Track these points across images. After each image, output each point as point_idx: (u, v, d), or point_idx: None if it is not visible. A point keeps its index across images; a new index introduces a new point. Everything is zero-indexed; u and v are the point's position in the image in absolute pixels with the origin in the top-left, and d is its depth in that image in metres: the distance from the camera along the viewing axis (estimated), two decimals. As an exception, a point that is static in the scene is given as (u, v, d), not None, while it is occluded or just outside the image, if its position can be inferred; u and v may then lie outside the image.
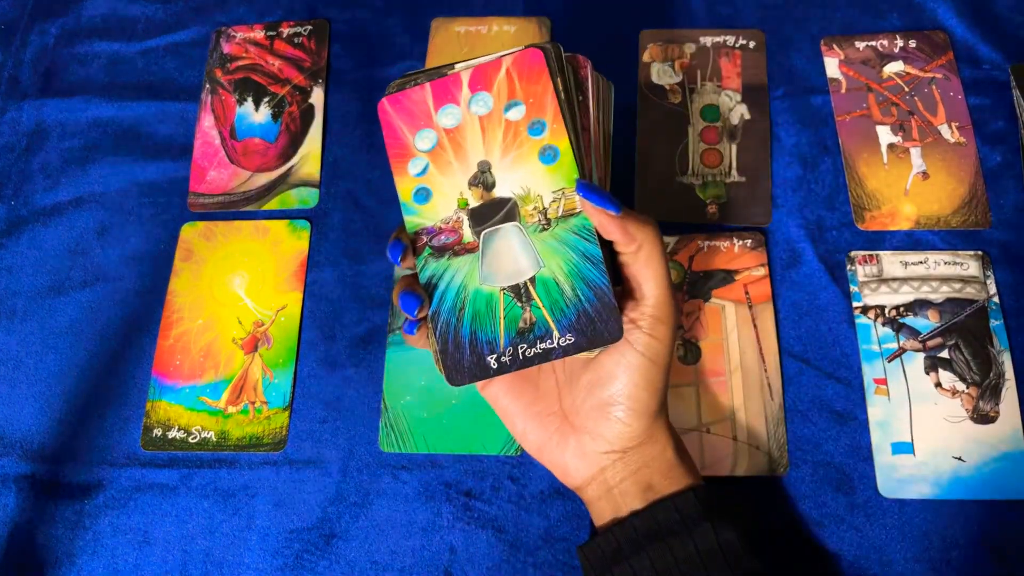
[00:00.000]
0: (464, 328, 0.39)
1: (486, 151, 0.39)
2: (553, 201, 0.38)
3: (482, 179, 0.39)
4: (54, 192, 0.59)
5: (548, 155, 0.38)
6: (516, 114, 0.38)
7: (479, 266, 0.39)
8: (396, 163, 0.40)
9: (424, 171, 0.40)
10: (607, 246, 0.38)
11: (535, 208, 0.38)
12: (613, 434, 0.39)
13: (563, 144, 0.38)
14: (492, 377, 0.38)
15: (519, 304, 0.38)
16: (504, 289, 0.39)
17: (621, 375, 0.38)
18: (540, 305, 0.38)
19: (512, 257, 0.39)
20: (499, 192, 0.39)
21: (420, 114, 0.40)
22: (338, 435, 0.51)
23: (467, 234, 0.39)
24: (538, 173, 0.38)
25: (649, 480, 0.39)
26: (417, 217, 0.40)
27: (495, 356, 0.38)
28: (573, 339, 0.37)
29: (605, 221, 0.37)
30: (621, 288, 0.39)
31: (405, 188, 0.40)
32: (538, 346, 0.38)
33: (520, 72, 0.38)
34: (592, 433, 0.39)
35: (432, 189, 0.40)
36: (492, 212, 0.39)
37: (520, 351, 0.38)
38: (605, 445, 0.39)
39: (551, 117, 0.38)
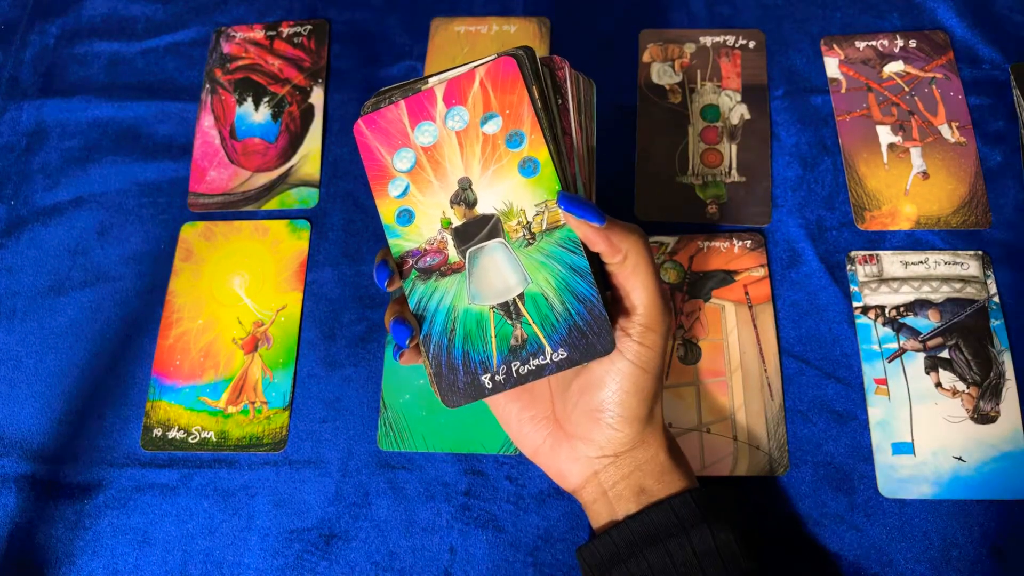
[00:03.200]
0: (456, 349, 0.38)
1: (465, 167, 0.38)
2: (537, 215, 0.37)
3: (463, 196, 0.38)
4: (54, 192, 0.59)
5: (528, 167, 0.37)
6: (493, 127, 0.37)
7: (467, 285, 0.38)
8: (376, 185, 0.39)
9: (405, 192, 0.39)
10: (595, 255, 0.38)
11: (519, 223, 0.38)
12: (604, 439, 0.39)
13: (543, 155, 0.37)
14: (488, 396, 0.38)
15: (509, 321, 0.38)
16: (494, 307, 0.38)
17: (611, 383, 0.38)
18: (531, 321, 0.38)
19: (499, 274, 0.38)
20: (481, 208, 0.38)
21: (396, 133, 0.39)
22: (338, 435, 0.51)
23: (452, 254, 0.39)
24: (519, 187, 0.37)
25: (642, 483, 0.39)
26: (401, 239, 0.39)
27: (489, 375, 0.38)
28: (566, 354, 0.37)
29: (589, 233, 0.36)
30: (611, 293, 0.39)
31: (387, 210, 0.39)
32: (531, 363, 0.37)
33: (494, 82, 0.37)
34: (583, 438, 0.39)
35: (414, 210, 0.39)
36: (476, 230, 0.38)
37: (513, 369, 0.38)
38: (596, 450, 0.39)
39: (529, 127, 0.37)
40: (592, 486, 0.40)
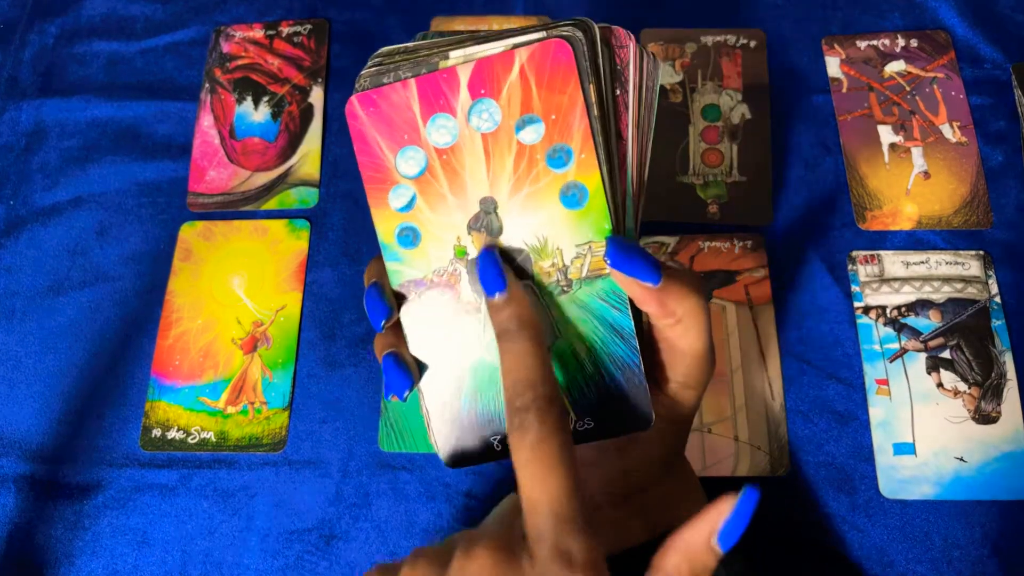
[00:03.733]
0: (462, 403, 0.32)
1: (491, 183, 0.30)
2: (577, 258, 0.30)
3: (486, 222, 0.31)
4: (53, 192, 0.59)
5: (573, 196, 0.30)
6: (532, 135, 0.29)
7: (481, 332, 0.32)
8: (373, 191, 0.31)
9: (410, 205, 0.31)
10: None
11: (553, 265, 0.30)
12: (615, 479, 0.35)
13: (593, 182, 0.29)
14: (496, 460, 0.32)
15: None
16: None
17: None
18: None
19: None
20: (507, 240, 0.30)
21: (403, 123, 0.30)
22: (338, 435, 0.51)
23: (466, 291, 0.31)
24: (559, 219, 0.30)
25: (654, 520, 0.36)
26: (402, 265, 0.31)
27: (499, 437, 0.31)
28: (593, 424, 0.31)
29: (640, 294, 0.29)
30: (646, 327, 0.32)
31: (386, 226, 0.31)
32: None
33: (539, 73, 0.29)
34: (589, 474, 0.35)
35: (420, 230, 0.31)
36: None
37: None
38: (604, 486, 0.35)
39: (579, 143, 0.29)
40: (595, 518, 0.37)
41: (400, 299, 0.32)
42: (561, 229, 0.30)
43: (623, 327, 0.30)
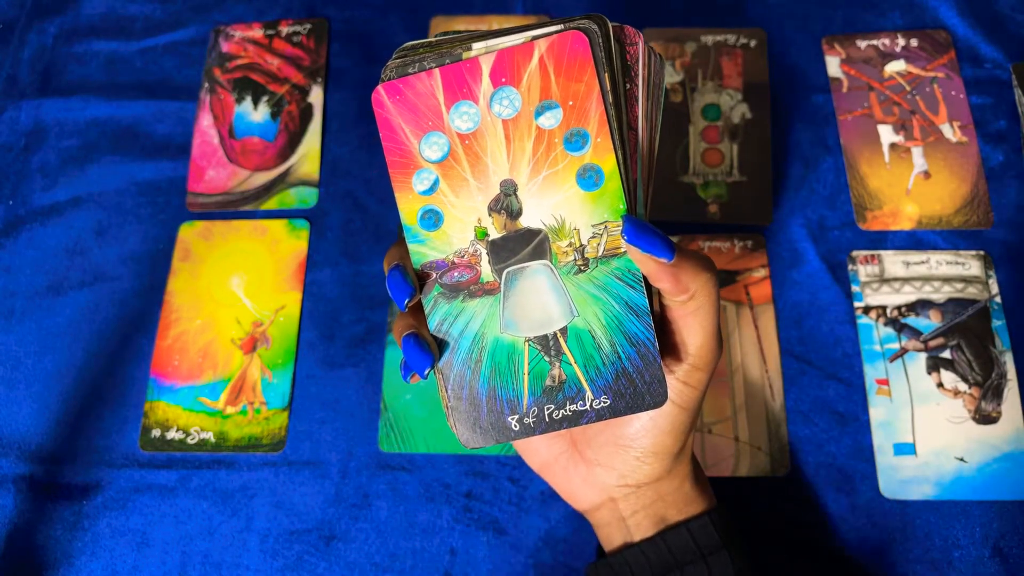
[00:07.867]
0: (481, 383, 0.33)
1: (511, 167, 0.32)
2: (593, 237, 0.32)
3: (506, 204, 0.32)
4: (52, 192, 0.59)
5: (590, 178, 0.31)
6: (550, 120, 0.31)
7: (500, 311, 0.33)
8: (397, 175, 0.33)
9: (433, 188, 0.32)
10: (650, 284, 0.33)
11: (570, 244, 0.32)
12: (628, 470, 0.36)
13: (608, 164, 0.31)
14: (513, 440, 0.33)
15: (547, 359, 0.33)
16: (529, 340, 0.33)
17: (644, 417, 0.35)
18: (572, 361, 0.32)
19: (540, 302, 0.32)
20: (526, 221, 0.32)
21: (427, 111, 0.32)
22: (337, 436, 0.51)
23: (486, 271, 0.33)
24: (576, 200, 0.31)
25: (663, 514, 0.37)
26: (424, 247, 0.33)
27: (517, 417, 0.33)
28: (609, 402, 0.32)
29: (654, 269, 0.31)
30: (658, 310, 0.34)
31: (410, 209, 0.33)
32: (567, 408, 0.32)
33: (557, 63, 0.30)
34: (604, 466, 0.37)
35: (443, 212, 0.33)
36: (517, 246, 0.32)
37: (546, 412, 0.33)
38: (617, 479, 0.37)
39: (595, 127, 0.31)
40: (606, 511, 0.38)
41: (422, 280, 0.33)
42: (578, 210, 0.32)
43: (638, 305, 0.32)
